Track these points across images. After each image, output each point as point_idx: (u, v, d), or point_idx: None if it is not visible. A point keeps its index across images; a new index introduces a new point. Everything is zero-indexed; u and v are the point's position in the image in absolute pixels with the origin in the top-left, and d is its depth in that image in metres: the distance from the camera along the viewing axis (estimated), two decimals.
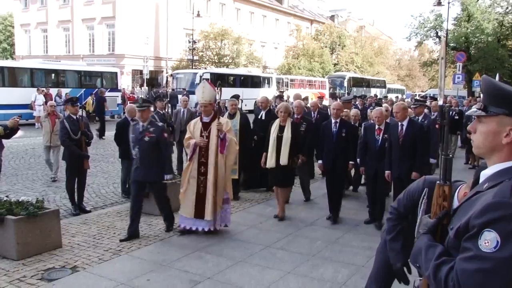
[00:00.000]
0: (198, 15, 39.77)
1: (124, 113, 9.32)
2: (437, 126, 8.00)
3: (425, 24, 40.84)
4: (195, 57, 42.19)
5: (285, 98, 22.69)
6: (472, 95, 31.16)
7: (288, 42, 55.35)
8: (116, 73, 29.17)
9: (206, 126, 6.59)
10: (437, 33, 40.86)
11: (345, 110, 8.68)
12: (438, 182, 1.86)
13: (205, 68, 38.90)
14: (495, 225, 1.51)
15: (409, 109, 7.93)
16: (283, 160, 7.19)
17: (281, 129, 7.36)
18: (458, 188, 1.97)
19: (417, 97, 18.51)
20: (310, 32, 61.53)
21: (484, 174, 1.75)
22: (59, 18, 47.84)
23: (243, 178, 9.22)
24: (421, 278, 1.92)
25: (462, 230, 1.61)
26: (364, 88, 46.35)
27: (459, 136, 14.48)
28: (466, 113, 2.57)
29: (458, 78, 27.71)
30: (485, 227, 1.52)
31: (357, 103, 15.91)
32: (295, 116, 8.37)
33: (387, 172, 6.87)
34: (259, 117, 9.57)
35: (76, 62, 32.93)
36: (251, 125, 9.43)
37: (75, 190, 7.68)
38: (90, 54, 44.97)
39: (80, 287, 4.84)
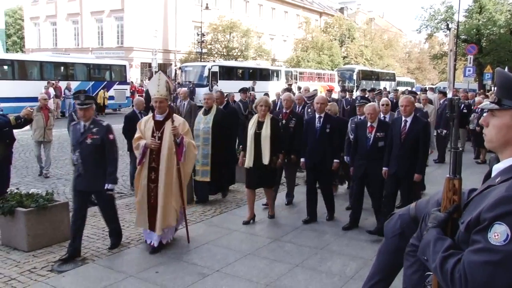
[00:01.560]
0: (207, 7, 39.70)
1: (132, 106, 9.29)
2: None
3: (436, 16, 40.46)
4: (204, 50, 42.13)
5: (295, 91, 22.65)
6: (483, 88, 30.86)
7: (297, 34, 55.09)
8: (124, 66, 29.25)
9: (159, 125, 5.71)
10: (447, 25, 40.46)
11: (330, 104, 8.30)
12: (448, 176, 1.85)
13: (214, 61, 38.87)
14: (506, 218, 1.50)
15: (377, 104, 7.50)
16: (265, 159, 6.61)
17: (260, 125, 6.73)
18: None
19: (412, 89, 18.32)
20: (319, 24, 61.19)
21: (496, 168, 1.73)
22: (68, 11, 47.99)
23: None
24: (431, 273, 1.91)
25: (473, 224, 1.60)
26: (374, 81, 46.15)
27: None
28: (479, 106, 2.53)
29: (469, 71, 27.44)
30: (495, 220, 1.51)
31: (367, 95, 15.81)
32: (284, 110, 7.79)
33: (384, 169, 6.39)
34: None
35: (85, 55, 33.08)
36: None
37: None
38: (99, 47, 45.11)
39: (90, 279, 4.89)
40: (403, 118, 6.39)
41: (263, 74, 36.99)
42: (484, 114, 1.84)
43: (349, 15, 70.17)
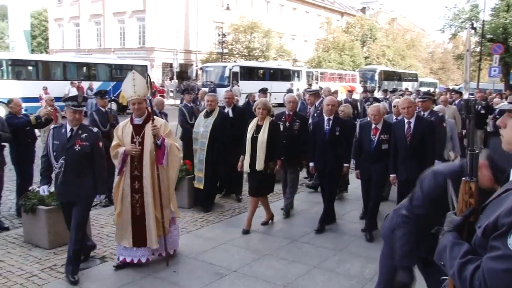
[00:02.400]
0: (228, 8, 39.86)
1: (153, 106, 9.32)
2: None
3: (460, 15, 39.77)
4: (225, 50, 42.28)
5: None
6: (509, 88, 30.24)
7: (318, 35, 54.89)
8: (146, 66, 29.49)
9: (138, 130, 5.18)
10: (472, 24, 39.72)
11: (343, 105, 8.14)
12: (464, 178, 1.82)
13: (235, 61, 38.98)
14: None
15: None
16: (259, 165, 6.32)
17: (258, 129, 6.46)
18: None
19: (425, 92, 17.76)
20: (341, 24, 60.86)
21: None
22: (91, 12, 48.69)
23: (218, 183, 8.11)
24: (447, 277, 1.87)
25: (491, 228, 1.56)
26: (396, 82, 45.72)
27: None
28: (497, 107, 2.47)
29: (495, 71, 26.91)
30: None
31: (387, 96, 15.64)
32: (287, 112, 7.36)
33: (392, 175, 6.11)
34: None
35: (107, 55, 33.47)
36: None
37: None
38: (121, 47, 45.61)
39: (108, 277, 4.95)
40: (406, 120, 6.09)
41: (284, 75, 36.96)
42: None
43: (371, 15, 69.65)
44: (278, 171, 6.78)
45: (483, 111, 12.91)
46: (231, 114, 8.16)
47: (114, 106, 23.03)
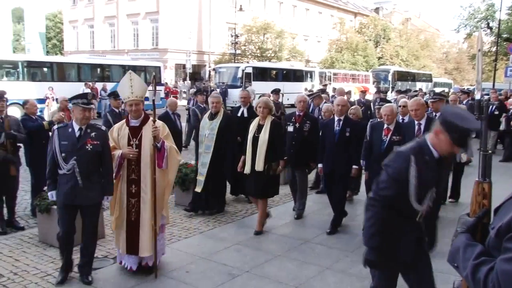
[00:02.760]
0: (241, 9, 39.87)
1: (166, 107, 9.40)
2: None
3: (475, 14, 39.29)
4: (238, 51, 42.36)
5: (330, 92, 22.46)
6: None
7: (331, 35, 54.73)
8: (159, 67, 29.69)
9: (135, 132, 4.99)
10: (488, 23, 39.21)
11: (353, 108, 8.03)
12: (477, 179, 1.80)
13: (248, 62, 39.02)
14: None
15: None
16: (258, 166, 6.21)
17: (260, 128, 6.34)
18: None
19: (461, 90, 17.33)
20: (354, 25, 60.60)
21: None
22: (105, 14, 49.08)
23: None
24: (460, 279, 1.86)
25: (504, 230, 1.54)
26: (409, 82, 45.36)
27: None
28: (510, 107, 2.44)
29: (511, 71, 26.58)
30: None
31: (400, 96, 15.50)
32: (297, 113, 7.17)
33: None
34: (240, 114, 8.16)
35: (121, 56, 33.81)
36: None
37: None
38: (135, 48, 45.94)
39: (121, 277, 4.98)
40: (416, 122, 6.02)
41: (296, 75, 36.92)
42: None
43: (384, 15, 69.24)
44: (280, 172, 6.58)
45: (496, 112, 12.76)
46: (246, 114, 7.94)
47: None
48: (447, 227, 6.46)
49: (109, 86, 24.86)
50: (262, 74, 33.24)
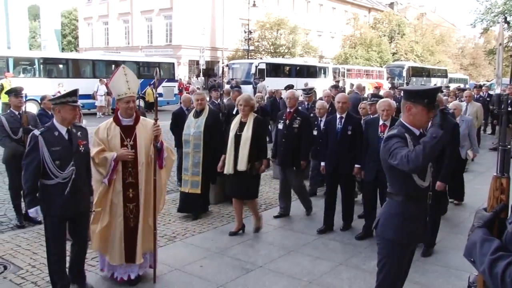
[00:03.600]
0: (254, 5, 39.84)
1: (180, 103, 9.44)
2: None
3: (492, 9, 38.66)
4: (251, 47, 42.36)
5: (342, 87, 22.39)
6: None
7: (345, 31, 54.47)
8: (173, 63, 29.81)
9: (128, 132, 4.54)
10: (505, 18, 38.57)
11: (363, 103, 7.74)
12: (495, 174, 1.79)
13: (261, 58, 38.99)
14: None
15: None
16: (241, 165, 5.86)
17: (242, 126, 6.00)
18: None
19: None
20: (368, 20, 60.23)
21: None
22: (119, 11, 49.42)
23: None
24: (476, 274, 1.85)
25: None
26: (424, 78, 44.96)
27: None
28: None
29: None
30: None
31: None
32: (288, 110, 6.89)
33: None
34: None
35: (135, 53, 33.99)
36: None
37: None
38: (149, 45, 46.20)
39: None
40: None
41: (310, 71, 36.80)
42: None
43: (399, 10, 68.67)
44: (263, 171, 6.23)
45: (510, 108, 12.56)
46: None
47: (141, 103, 23.38)
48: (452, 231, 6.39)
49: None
50: (275, 70, 33.21)
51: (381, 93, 12.48)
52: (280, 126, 6.86)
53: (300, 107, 7.91)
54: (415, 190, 3.21)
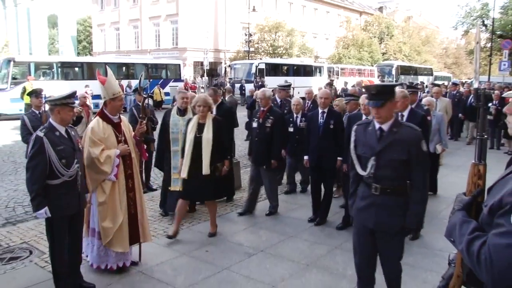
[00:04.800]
0: (254, 9, 39.72)
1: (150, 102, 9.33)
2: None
3: (472, 13, 38.79)
4: (251, 49, 42.23)
5: (335, 86, 22.37)
6: None
7: (338, 33, 54.28)
8: (179, 65, 29.84)
9: (118, 128, 4.57)
10: (483, 21, 38.68)
11: (337, 99, 7.67)
12: (473, 161, 1.82)
13: (261, 59, 38.89)
14: None
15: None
16: (205, 169, 5.30)
17: (200, 128, 5.43)
18: None
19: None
20: (360, 23, 59.97)
21: None
22: (129, 17, 49.30)
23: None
24: (455, 252, 1.88)
25: (496, 207, 1.56)
26: (412, 76, 44.91)
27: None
28: (503, 95, 2.44)
29: (504, 65, 26.66)
30: None
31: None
32: (261, 108, 6.51)
33: None
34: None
35: (144, 56, 33.97)
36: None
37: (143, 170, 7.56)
38: (156, 48, 46.09)
39: (147, 255, 5.01)
40: (399, 113, 5.50)
41: (306, 70, 36.76)
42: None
43: (388, 13, 68.36)
44: (225, 172, 5.67)
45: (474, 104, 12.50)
46: (214, 112, 6.73)
47: (150, 101, 23.34)
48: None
49: (134, 83, 25.03)
50: (274, 70, 33.24)
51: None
52: (255, 124, 6.51)
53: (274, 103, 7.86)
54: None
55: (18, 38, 55.40)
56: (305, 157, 6.38)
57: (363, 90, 6.57)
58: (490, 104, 11.89)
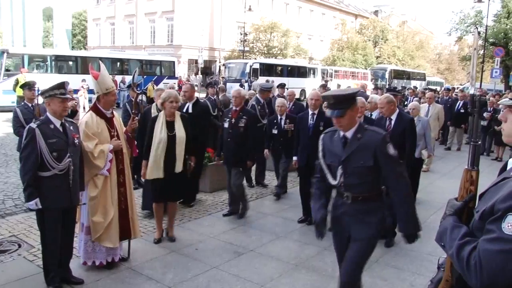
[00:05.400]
0: (250, 9, 39.68)
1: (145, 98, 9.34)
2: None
3: (465, 20, 39.01)
4: (246, 48, 42.19)
5: (331, 87, 22.39)
6: (509, 88, 29.83)
7: (333, 35, 54.40)
8: (173, 62, 29.73)
9: (110, 123, 4.53)
10: (477, 28, 38.97)
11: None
12: (466, 167, 1.82)
13: (255, 59, 38.88)
14: None
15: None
16: (179, 167, 5.17)
17: (170, 126, 5.23)
18: None
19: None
20: (355, 26, 60.16)
21: None
22: (125, 13, 49.04)
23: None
24: (445, 257, 1.89)
25: (487, 213, 1.57)
26: (405, 80, 45.18)
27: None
28: (499, 102, 2.43)
29: (496, 72, 26.87)
30: (509, 211, 1.48)
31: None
32: (234, 108, 6.30)
33: None
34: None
35: (139, 52, 33.80)
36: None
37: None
38: (151, 44, 45.90)
39: (137, 252, 4.99)
40: (388, 118, 5.56)
41: (300, 72, 36.80)
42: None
43: (382, 17, 68.60)
44: (192, 169, 5.55)
45: (462, 110, 12.53)
46: (190, 110, 6.74)
47: (144, 97, 23.24)
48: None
49: (128, 79, 24.89)
50: (268, 70, 33.17)
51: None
52: (226, 124, 6.28)
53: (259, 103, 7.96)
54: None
55: (13, 30, 55.02)
56: (294, 158, 6.34)
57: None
58: (485, 114, 12.01)
